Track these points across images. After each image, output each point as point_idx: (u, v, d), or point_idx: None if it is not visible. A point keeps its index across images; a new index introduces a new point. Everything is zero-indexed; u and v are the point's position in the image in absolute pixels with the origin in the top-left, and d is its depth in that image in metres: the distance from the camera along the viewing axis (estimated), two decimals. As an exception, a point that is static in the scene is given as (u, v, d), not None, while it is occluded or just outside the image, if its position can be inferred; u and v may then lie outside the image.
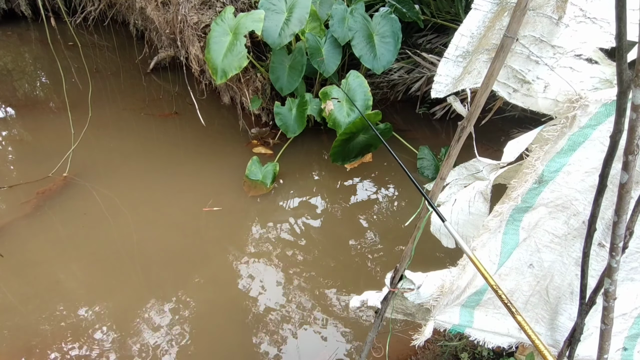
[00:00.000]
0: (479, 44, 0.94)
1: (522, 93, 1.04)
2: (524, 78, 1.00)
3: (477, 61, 0.98)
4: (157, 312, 2.32)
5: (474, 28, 0.90)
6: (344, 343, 2.25)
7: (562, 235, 1.38)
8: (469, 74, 0.99)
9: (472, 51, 0.94)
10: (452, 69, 0.97)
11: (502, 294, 1.01)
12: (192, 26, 3.10)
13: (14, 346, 2.09)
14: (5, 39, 5.47)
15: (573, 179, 1.21)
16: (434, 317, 1.57)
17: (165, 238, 2.78)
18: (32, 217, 2.76)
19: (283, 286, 2.54)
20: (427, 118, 4.37)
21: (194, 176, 3.35)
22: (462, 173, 1.38)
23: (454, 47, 0.94)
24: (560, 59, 0.93)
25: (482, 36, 0.91)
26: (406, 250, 1.37)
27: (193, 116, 3.97)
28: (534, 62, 0.96)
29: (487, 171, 1.29)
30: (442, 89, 1.01)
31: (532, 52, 0.94)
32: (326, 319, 2.37)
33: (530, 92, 1.01)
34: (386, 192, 3.43)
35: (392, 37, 3.31)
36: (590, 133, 1.10)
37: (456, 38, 0.93)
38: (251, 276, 2.59)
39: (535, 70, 0.97)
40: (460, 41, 0.93)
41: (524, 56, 0.96)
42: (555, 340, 1.66)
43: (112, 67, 4.94)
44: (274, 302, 2.44)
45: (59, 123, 3.67)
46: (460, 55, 0.95)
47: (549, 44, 0.91)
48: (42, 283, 2.41)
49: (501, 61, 0.88)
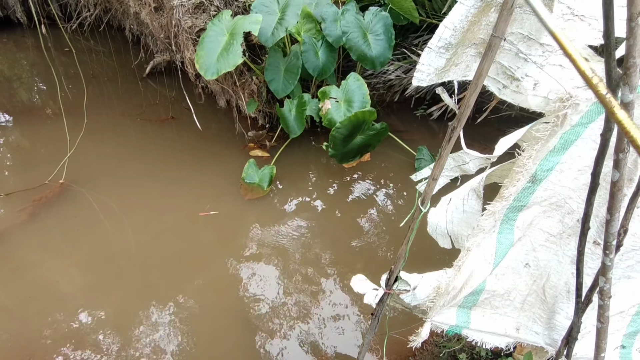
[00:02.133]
0: (464, 38, 0.94)
1: (512, 90, 1.04)
2: (513, 75, 0.99)
3: (465, 54, 0.98)
4: (155, 315, 2.31)
5: (457, 22, 0.90)
6: (342, 343, 2.24)
7: (557, 233, 1.38)
8: (456, 66, 0.99)
9: (456, 44, 0.94)
10: (434, 59, 0.97)
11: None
12: (186, 30, 3.10)
13: (10, 350, 2.07)
14: (1, 45, 5.47)
15: (566, 177, 1.21)
16: (430, 319, 1.57)
17: (162, 242, 2.78)
18: (28, 224, 2.75)
19: (281, 288, 2.53)
20: (424, 119, 4.37)
21: (190, 180, 3.34)
22: (449, 164, 1.38)
23: (437, 38, 0.94)
24: (549, 56, 0.93)
25: (466, 30, 0.91)
26: (400, 252, 1.37)
27: (189, 120, 3.96)
28: (523, 59, 0.95)
29: (473, 164, 1.28)
30: (424, 77, 1.01)
31: (520, 50, 0.93)
32: (325, 320, 2.36)
33: (520, 89, 1.01)
34: (384, 192, 3.43)
35: (385, 34, 3.33)
36: (582, 131, 1.10)
37: (440, 30, 0.93)
38: (249, 279, 2.58)
39: (524, 67, 0.97)
40: (444, 33, 0.93)
41: (512, 53, 0.96)
42: (553, 339, 1.65)
43: (108, 72, 4.94)
44: (273, 304, 2.43)
45: (56, 129, 3.66)
46: (442, 47, 0.95)
47: (537, 42, 0.91)
48: (38, 287, 2.40)
49: (490, 60, 0.88)
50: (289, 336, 2.27)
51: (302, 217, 3.08)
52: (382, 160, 3.74)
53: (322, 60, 3.35)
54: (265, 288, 2.53)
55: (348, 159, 3.45)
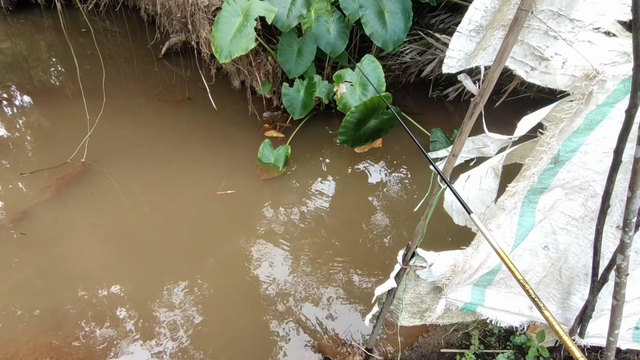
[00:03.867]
0: (494, 19, 0.92)
1: (540, 71, 1.02)
2: (542, 55, 0.98)
3: (493, 37, 0.97)
4: (169, 292, 2.40)
5: (488, 2, 0.89)
6: (356, 320, 2.30)
7: (579, 217, 1.36)
8: (484, 50, 0.98)
9: (486, 26, 0.93)
10: (464, 43, 0.96)
11: (521, 279, 1.02)
12: (202, 9, 3.09)
13: (38, 320, 2.19)
14: (20, 26, 5.54)
15: (590, 159, 1.18)
16: (445, 295, 1.60)
17: (179, 221, 2.85)
18: (53, 201, 2.85)
19: (296, 267, 2.59)
20: (440, 101, 4.32)
21: (207, 160, 3.40)
22: (468, 146, 1.37)
23: (467, 21, 0.93)
24: (578, 32, 0.92)
25: (497, 10, 0.90)
26: (418, 228, 1.39)
27: (205, 101, 3.99)
28: (552, 37, 0.94)
29: (495, 146, 1.28)
30: (454, 64, 1.00)
31: (549, 28, 0.92)
32: (337, 298, 2.41)
33: (549, 69, 1.00)
34: (396, 176, 3.43)
35: (402, 14, 3.25)
36: (608, 111, 1.08)
37: (470, 12, 0.92)
38: (264, 258, 2.64)
39: (553, 46, 0.95)
40: (474, 15, 0.92)
41: (541, 32, 0.95)
42: (566, 318, 1.67)
43: (124, 53, 4.97)
44: (287, 282, 2.49)
45: (74, 109, 3.74)
46: (473, 30, 0.94)
47: (567, 18, 0.89)
48: (60, 260, 2.52)
49: (515, 35, 0.87)
50: (303, 312, 2.34)
51: (317, 197, 3.12)
52: (396, 143, 3.72)
53: (334, 36, 3.30)
54: (279, 266, 2.59)
55: (360, 143, 3.44)
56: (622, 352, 1.91)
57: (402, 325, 1.75)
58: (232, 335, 2.22)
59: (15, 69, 4.62)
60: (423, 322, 1.74)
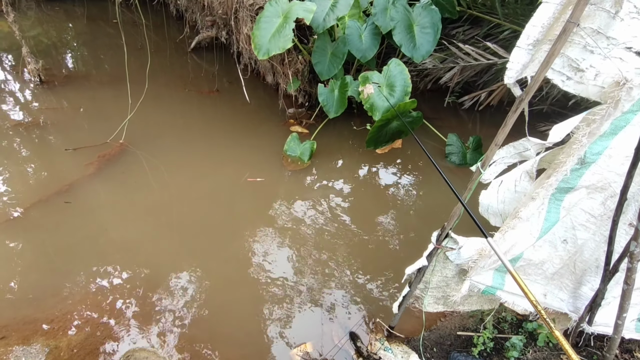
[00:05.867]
0: (546, 34, 1.11)
1: (575, 80, 1.20)
2: (578, 66, 1.16)
3: (540, 51, 1.16)
4: (188, 275, 2.52)
5: (545, 20, 1.08)
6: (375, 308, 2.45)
7: (598, 215, 1.51)
8: (532, 62, 1.16)
9: (541, 40, 1.12)
10: (523, 56, 1.14)
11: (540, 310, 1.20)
12: (247, 7, 3.28)
13: (72, 288, 2.36)
14: (53, 14, 5.74)
15: (614, 162, 1.33)
16: (470, 277, 1.77)
17: (208, 206, 3.02)
18: (95, 176, 3.04)
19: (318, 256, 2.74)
20: (454, 107, 4.50)
21: (235, 150, 3.57)
22: (509, 152, 1.53)
23: (525, 36, 1.11)
24: (612, 49, 1.10)
25: (550, 27, 1.09)
26: (455, 210, 1.55)
27: (232, 95, 4.18)
28: (589, 51, 1.13)
29: (534, 149, 1.44)
30: (513, 75, 1.18)
31: (588, 43, 1.11)
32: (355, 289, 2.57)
33: (583, 79, 1.18)
34: (415, 177, 3.61)
35: (431, 28, 3.43)
36: (631, 118, 1.25)
37: (528, 29, 1.10)
38: (289, 245, 2.79)
39: (589, 59, 1.14)
40: (532, 31, 1.10)
41: (580, 46, 1.13)
42: (576, 307, 1.84)
43: (153, 45, 5.16)
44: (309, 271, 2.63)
45: (112, 94, 3.93)
46: (531, 44, 1.12)
47: (604, 35, 1.08)
48: (94, 229, 2.72)
49: (562, 43, 1.05)
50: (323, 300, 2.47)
51: (339, 192, 3.29)
52: (414, 146, 3.91)
53: (366, 44, 3.49)
54: (302, 257, 2.74)
55: (381, 144, 3.62)
56: (625, 343, 2.08)
57: (426, 311, 1.91)
58: (250, 321, 2.35)
59: (56, 54, 4.82)
60: (446, 309, 1.90)
